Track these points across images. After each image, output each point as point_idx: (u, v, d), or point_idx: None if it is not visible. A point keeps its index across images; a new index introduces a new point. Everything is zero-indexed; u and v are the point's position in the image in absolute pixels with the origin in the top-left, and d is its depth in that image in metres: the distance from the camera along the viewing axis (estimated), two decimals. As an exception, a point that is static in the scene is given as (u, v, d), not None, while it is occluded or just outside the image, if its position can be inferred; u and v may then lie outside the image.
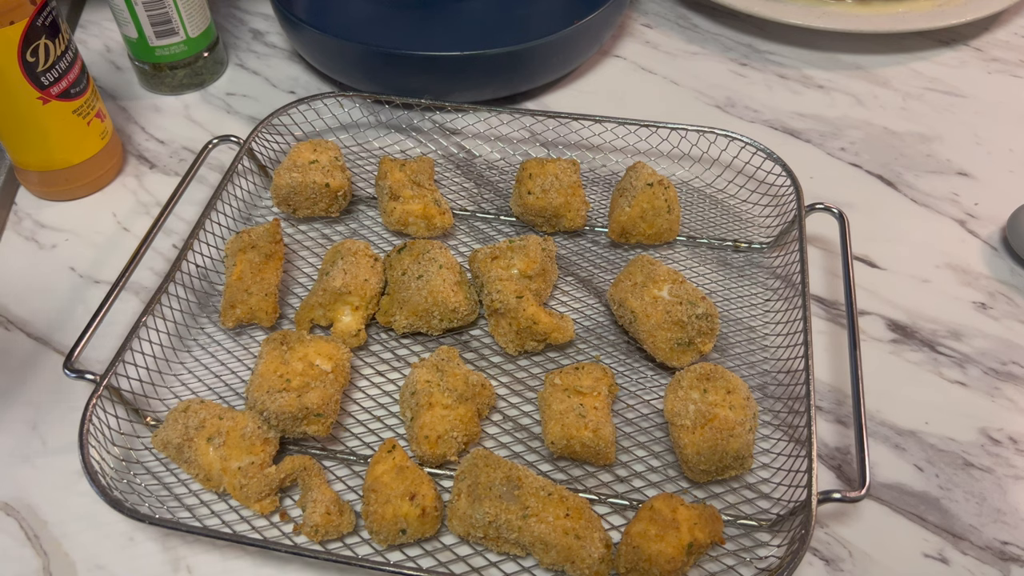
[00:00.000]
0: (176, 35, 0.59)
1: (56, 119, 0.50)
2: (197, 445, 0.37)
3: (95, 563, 0.37)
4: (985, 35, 0.68)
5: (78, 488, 0.39)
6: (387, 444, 0.37)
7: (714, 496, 0.39)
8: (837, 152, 0.58)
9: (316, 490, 0.37)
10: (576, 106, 0.62)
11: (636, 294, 0.43)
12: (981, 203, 0.54)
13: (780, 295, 0.47)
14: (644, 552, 0.33)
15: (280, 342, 0.41)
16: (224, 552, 0.37)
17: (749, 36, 0.69)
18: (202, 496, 0.38)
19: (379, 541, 0.36)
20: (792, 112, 0.61)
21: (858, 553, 0.37)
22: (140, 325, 0.42)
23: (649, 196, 0.47)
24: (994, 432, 0.41)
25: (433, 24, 0.66)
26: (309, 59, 0.64)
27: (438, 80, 0.58)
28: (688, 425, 0.38)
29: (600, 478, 0.39)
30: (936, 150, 0.58)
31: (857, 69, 0.65)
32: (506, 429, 0.41)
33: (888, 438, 0.41)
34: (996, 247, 0.51)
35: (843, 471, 0.40)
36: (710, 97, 0.63)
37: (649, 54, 0.67)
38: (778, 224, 0.50)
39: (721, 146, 0.53)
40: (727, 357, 0.44)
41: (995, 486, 0.39)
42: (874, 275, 0.49)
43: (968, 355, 0.45)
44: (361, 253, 0.46)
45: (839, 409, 0.42)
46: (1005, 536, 0.38)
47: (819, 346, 0.45)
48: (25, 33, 0.46)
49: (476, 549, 0.37)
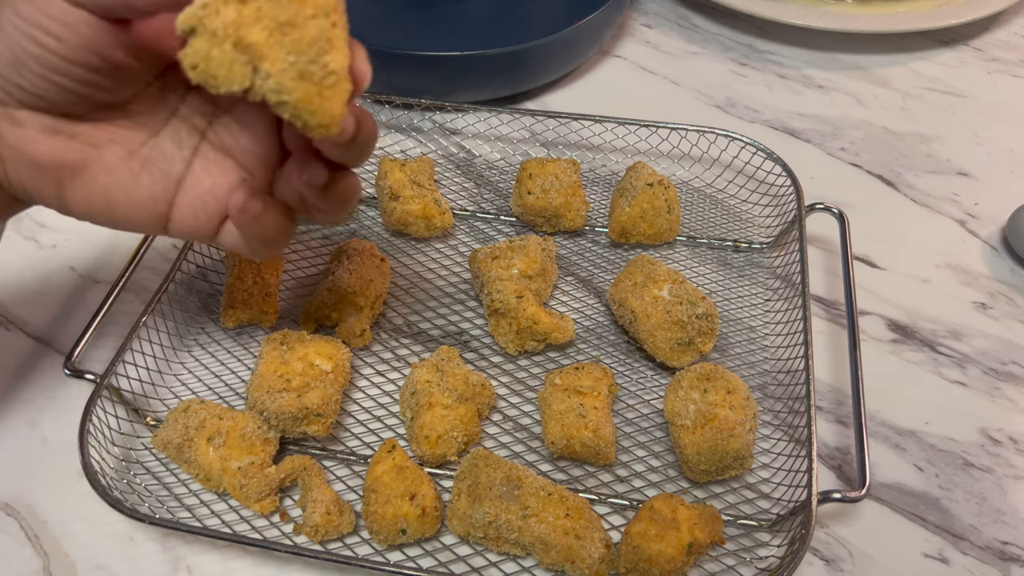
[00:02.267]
0: (176, 35, 0.59)
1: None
2: (197, 445, 0.37)
3: (95, 563, 0.37)
4: (985, 35, 0.68)
5: (78, 488, 0.39)
6: (387, 444, 0.37)
7: (714, 496, 0.39)
8: (837, 152, 0.58)
9: (316, 490, 0.37)
10: (576, 106, 0.62)
11: (636, 294, 0.43)
12: (981, 203, 0.54)
13: (780, 295, 0.47)
14: (644, 552, 0.33)
15: (280, 342, 0.41)
16: (224, 552, 0.37)
17: (749, 36, 0.69)
18: (202, 496, 0.38)
19: (379, 541, 0.36)
20: (792, 112, 0.61)
21: (858, 553, 0.37)
22: (140, 325, 0.42)
23: (649, 196, 0.47)
24: (994, 432, 0.41)
25: (433, 24, 0.66)
26: (309, 59, 0.64)
27: (438, 80, 0.58)
28: (688, 425, 0.38)
29: (600, 478, 0.39)
30: (936, 150, 0.58)
31: (857, 69, 0.65)
32: (506, 429, 0.41)
33: (888, 438, 0.41)
34: (996, 247, 0.51)
35: (843, 471, 0.40)
36: (710, 97, 0.63)
37: (649, 54, 0.67)
38: (778, 224, 0.50)
39: (721, 146, 0.53)
40: (727, 357, 0.44)
41: (995, 486, 0.39)
42: (874, 275, 0.49)
43: (968, 355, 0.45)
44: (367, 253, 0.46)
45: (839, 409, 0.42)
46: (1005, 536, 0.38)
47: (819, 346, 0.45)
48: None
49: (476, 549, 0.37)
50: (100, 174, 0.30)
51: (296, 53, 0.25)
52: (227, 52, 0.25)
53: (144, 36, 0.29)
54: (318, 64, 0.25)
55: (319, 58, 0.25)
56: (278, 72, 0.25)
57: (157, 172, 0.31)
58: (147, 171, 0.31)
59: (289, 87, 0.25)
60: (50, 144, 0.29)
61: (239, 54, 0.25)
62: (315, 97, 0.25)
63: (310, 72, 0.25)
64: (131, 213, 0.31)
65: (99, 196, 0.30)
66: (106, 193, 0.30)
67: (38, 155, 0.29)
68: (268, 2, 0.25)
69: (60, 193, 0.30)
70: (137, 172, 0.30)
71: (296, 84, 0.25)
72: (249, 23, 0.25)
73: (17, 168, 0.30)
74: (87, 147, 0.30)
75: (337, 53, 0.26)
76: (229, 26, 0.24)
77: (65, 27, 0.26)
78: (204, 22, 0.24)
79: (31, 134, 0.29)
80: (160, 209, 0.31)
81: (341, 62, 0.26)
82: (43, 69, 0.27)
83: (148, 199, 0.31)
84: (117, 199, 0.30)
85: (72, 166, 0.30)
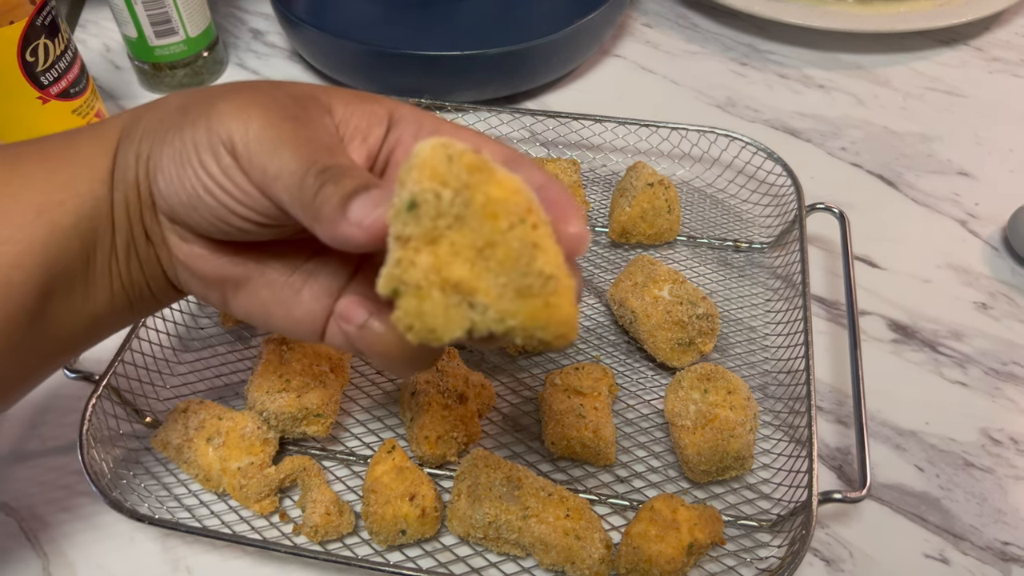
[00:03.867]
0: (176, 35, 0.59)
1: (55, 119, 0.50)
2: (197, 445, 0.37)
3: (95, 563, 0.37)
4: (986, 35, 0.68)
5: (78, 488, 0.39)
6: (387, 444, 0.37)
7: (714, 496, 0.38)
8: (838, 152, 0.58)
9: (316, 490, 0.37)
10: (576, 106, 0.62)
11: (636, 294, 0.43)
12: (982, 203, 0.53)
13: (781, 295, 0.47)
14: (644, 553, 0.33)
15: (280, 342, 0.41)
16: (224, 552, 0.37)
17: (749, 36, 0.69)
18: (202, 496, 0.38)
19: (379, 542, 0.36)
20: (792, 112, 0.61)
21: (859, 553, 0.37)
22: (140, 325, 0.42)
23: (649, 196, 0.47)
24: (995, 432, 0.41)
25: (433, 23, 0.66)
26: (309, 59, 0.64)
27: (438, 80, 0.58)
28: (688, 425, 0.38)
29: (600, 478, 0.39)
30: (937, 150, 0.58)
31: (857, 69, 0.65)
32: (506, 429, 0.41)
33: (889, 438, 0.41)
34: (997, 247, 0.51)
35: (844, 471, 0.40)
36: (710, 97, 0.63)
37: (649, 54, 0.67)
38: (779, 224, 0.50)
39: (721, 146, 0.53)
40: (728, 357, 0.44)
41: (996, 486, 0.39)
42: (875, 275, 0.49)
43: (969, 355, 0.45)
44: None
45: (840, 409, 0.42)
46: (1006, 536, 0.38)
47: (820, 346, 0.45)
48: (25, 33, 0.46)
49: (476, 550, 0.37)
50: (262, 289, 0.29)
51: (505, 273, 0.22)
52: (438, 301, 0.22)
53: None
54: (532, 275, 0.22)
55: (531, 268, 0.22)
56: (495, 300, 0.22)
57: (318, 288, 0.29)
58: (309, 287, 0.29)
59: (511, 310, 0.22)
60: (215, 262, 0.29)
61: (450, 296, 0.22)
62: (541, 311, 0.22)
63: (527, 287, 0.22)
64: (288, 326, 0.30)
65: (258, 308, 0.30)
66: (266, 307, 0.29)
67: (203, 270, 0.29)
68: (458, 232, 0.22)
69: (223, 299, 0.30)
70: (299, 288, 0.29)
71: (517, 305, 0.22)
72: (448, 261, 0.22)
73: (185, 276, 0.30)
74: (250, 263, 0.29)
75: (546, 253, 0.23)
76: (430, 272, 0.22)
77: (247, 195, 0.25)
78: (404, 279, 0.22)
79: (198, 251, 0.28)
80: (317, 326, 0.29)
81: (554, 260, 0.23)
82: (215, 219, 0.26)
83: (306, 315, 0.29)
84: (276, 313, 0.29)
85: (236, 280, 0.29)
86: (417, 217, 0.22)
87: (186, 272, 0.29)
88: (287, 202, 0.24)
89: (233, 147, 0.25)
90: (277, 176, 0.24)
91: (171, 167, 0.26)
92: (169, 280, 0.30)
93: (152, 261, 0.29)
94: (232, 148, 0.25)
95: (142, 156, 0.27)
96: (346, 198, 0.23)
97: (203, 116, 0.26)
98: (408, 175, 0.22)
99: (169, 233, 0.28)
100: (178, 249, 0.29)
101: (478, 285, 0.22)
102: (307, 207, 0.24)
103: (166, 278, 0.30)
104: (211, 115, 0.25)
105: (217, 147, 0.25)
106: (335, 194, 0.23)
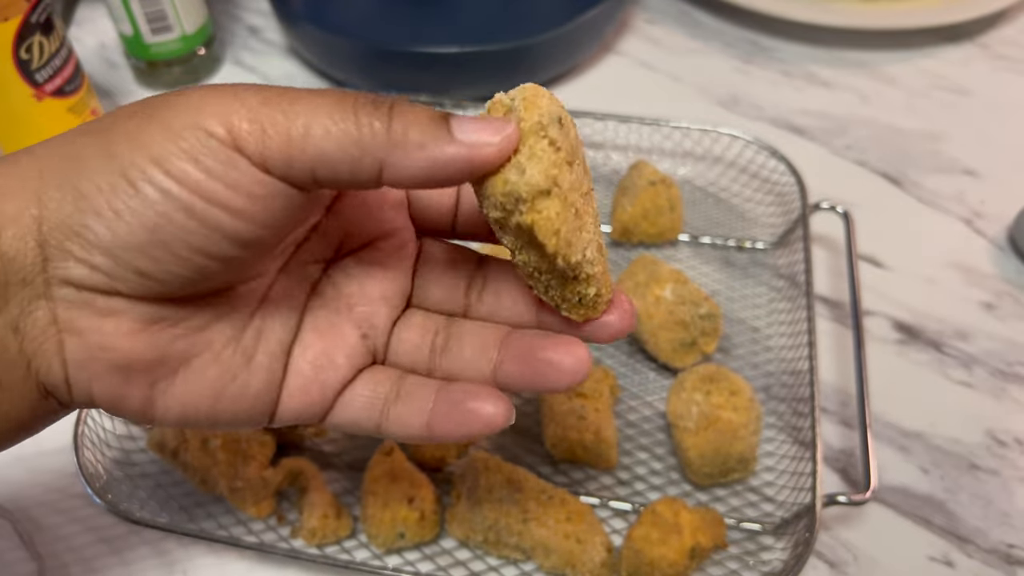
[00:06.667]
0: (172, 31, 0.58)
1: (50, 117, 0.50)
2: (193, 447, 0.37)
3: (90, 566, 0.36)
4: (991, 32, 0.68)
5: (73, 491, 0.39)
6: (385, 447, 0.37)
7: (717, 499, 0.38)
8: (842, 150, 0.57)
9: (313, 493, 0.36)
10: (577, 103, 0.61)
11: (638, 294, 0.43)
12: (987, 202, 0.53)
13: (784, 295, 0.46)
14: (646, 556, 0.33)
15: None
16: (220, 555, 0.37)
17: (753, 32, 0.68)
18: (198, 499, 0.38)
19: (377, 545, 0.35)
20: (796, 110, 0.60)
21: (863, 556, 0.37)
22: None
23: (651, 195, 0.47)
24: (1000, 434, 0.41)
25: (432, 20, 0.65)
26: (306, 55, 0.63)
27: (437, 76, 0.57)
28: (691, 427, 0.37)
29: (602, 481, 0.39)
30: (942, 148, 0.57)
31: (862, 66, 0.64)
32: (506, 431, 0.41)
33: (893, 440, 0.41)
34: (1003, 246, 0.50)
35: (848, 473, 0.39)
36: (713, 94, 0.62)
37: (651, 50, 0.67)
38: (782, 223, 0.49)
39: (724, 144, 0.53)
40: (731, 358, 0.44)
41: (1001, 488, 0.39)
42: (879, 275, 0.49)
43: (974, 356, 0.44)
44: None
45: (844, 410, 0.42)
46: (1012, 539, 0.37)
47: (824, 347, 0.45)
48: (19, 30, 0.46)
49: (476, 553, 0.36)
50: (208, 367, 0.23)
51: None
52: (572, 221, 0.21)
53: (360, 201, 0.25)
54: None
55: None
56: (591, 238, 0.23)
57: (274, 344, 0.24)
58: (263, 348, 0.24)
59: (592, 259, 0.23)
60: (146, 338, 0.22)
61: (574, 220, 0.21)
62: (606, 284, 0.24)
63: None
64: (242, 410, 0.24)
65: (204, 396, 0.23)
66: (214, 391, 0.23)
67: (131, 354, 0.22)
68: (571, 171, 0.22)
69: (149, 396, 0.23)
70: (251, 354, 0.24)
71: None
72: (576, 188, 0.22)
73: (93, 373, 0.22)
74: (192, 334, 0.23)
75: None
76: (571, 191, 0.21)
77: (251, 200, 0.20)
78: (558, 182, 0.20)
79: (124, 327, 0.21)
80: (272, 396, 0.24)
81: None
82: (191, 252, 0.20)
83: (265, 387, 0.24)
84: (228, 395, 0.24)
85: (176, 359, 0.23)
86: (565, 133, 0.21)
87: (97, 366, 0.22)
88: (331, 151, 0.20)
89: (231, 129, 0.20)
90: (307, 128, 0.20)
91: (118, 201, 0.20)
92: (48, 391, 0.23)
93: (18, 372, 0.22)
94: (231, 130, 0.20)
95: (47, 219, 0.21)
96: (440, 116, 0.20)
97: (167, 124, 0.20)
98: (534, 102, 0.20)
99: (79, 312, 0.21)
100: (92, 331, 0.21)
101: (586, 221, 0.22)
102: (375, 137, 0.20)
103: (38, 392, 0.22)
104: (183, 116, 0.20)
105: (208, 141, 0.20)
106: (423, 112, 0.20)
